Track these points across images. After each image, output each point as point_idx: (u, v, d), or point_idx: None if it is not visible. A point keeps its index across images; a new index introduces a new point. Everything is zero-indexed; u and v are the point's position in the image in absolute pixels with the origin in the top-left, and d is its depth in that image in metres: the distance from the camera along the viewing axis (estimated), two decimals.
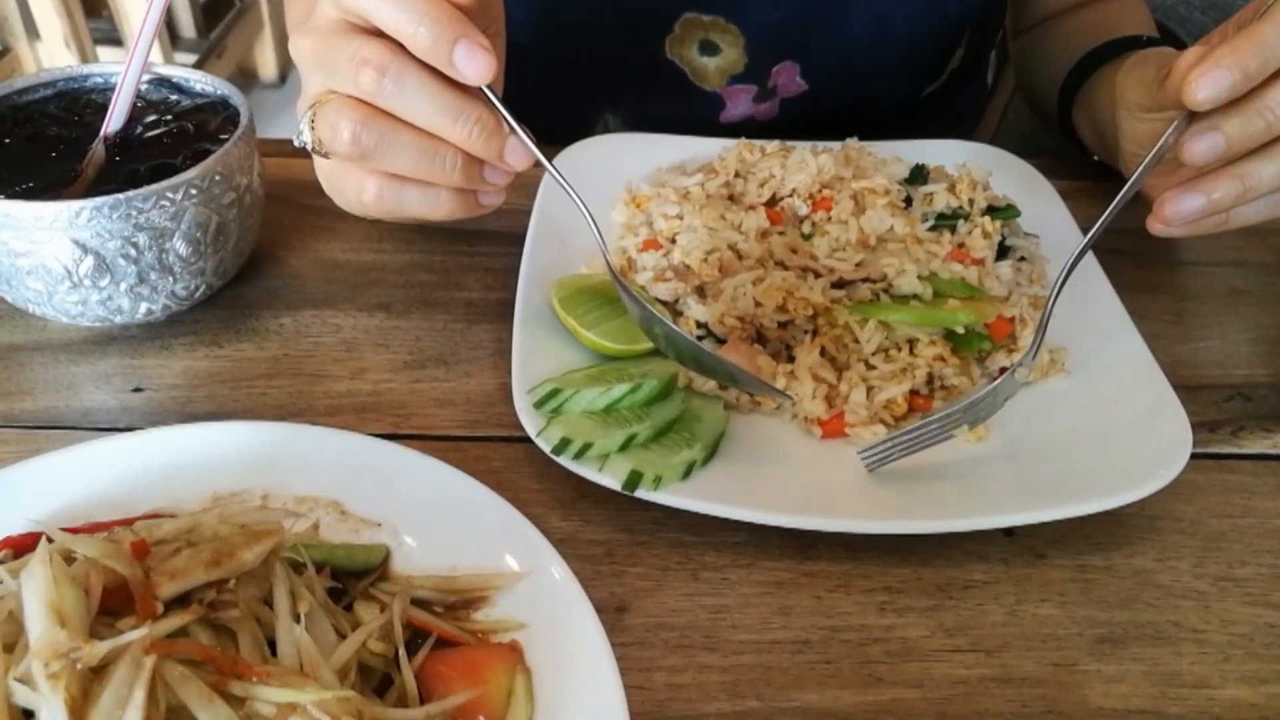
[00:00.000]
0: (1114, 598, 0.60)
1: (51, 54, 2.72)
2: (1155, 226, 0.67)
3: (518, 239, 0.80)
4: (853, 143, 0.84)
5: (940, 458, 0.65)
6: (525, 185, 0.90)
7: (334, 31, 0.57)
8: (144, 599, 0.46)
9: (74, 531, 0.53)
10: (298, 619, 0.48)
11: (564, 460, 0.61)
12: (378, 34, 0.56)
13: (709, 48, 0.95)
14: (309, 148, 0.60)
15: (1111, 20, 0.96)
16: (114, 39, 2.95)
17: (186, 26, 3.16)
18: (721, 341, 0.70)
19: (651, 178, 0.86)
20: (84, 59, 2.76)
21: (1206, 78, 0.58)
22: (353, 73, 0.55)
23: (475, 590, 0.53)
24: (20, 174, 0.72)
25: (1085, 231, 0.82)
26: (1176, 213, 0.65)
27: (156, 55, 0.79)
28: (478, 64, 0.54)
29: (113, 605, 0.46)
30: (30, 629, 0.41)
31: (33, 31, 2.73)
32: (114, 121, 0.75)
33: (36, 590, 0.43)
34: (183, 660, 0.43)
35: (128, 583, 0.46)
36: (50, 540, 0.48)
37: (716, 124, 1.02)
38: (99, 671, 0.42)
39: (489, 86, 0.56)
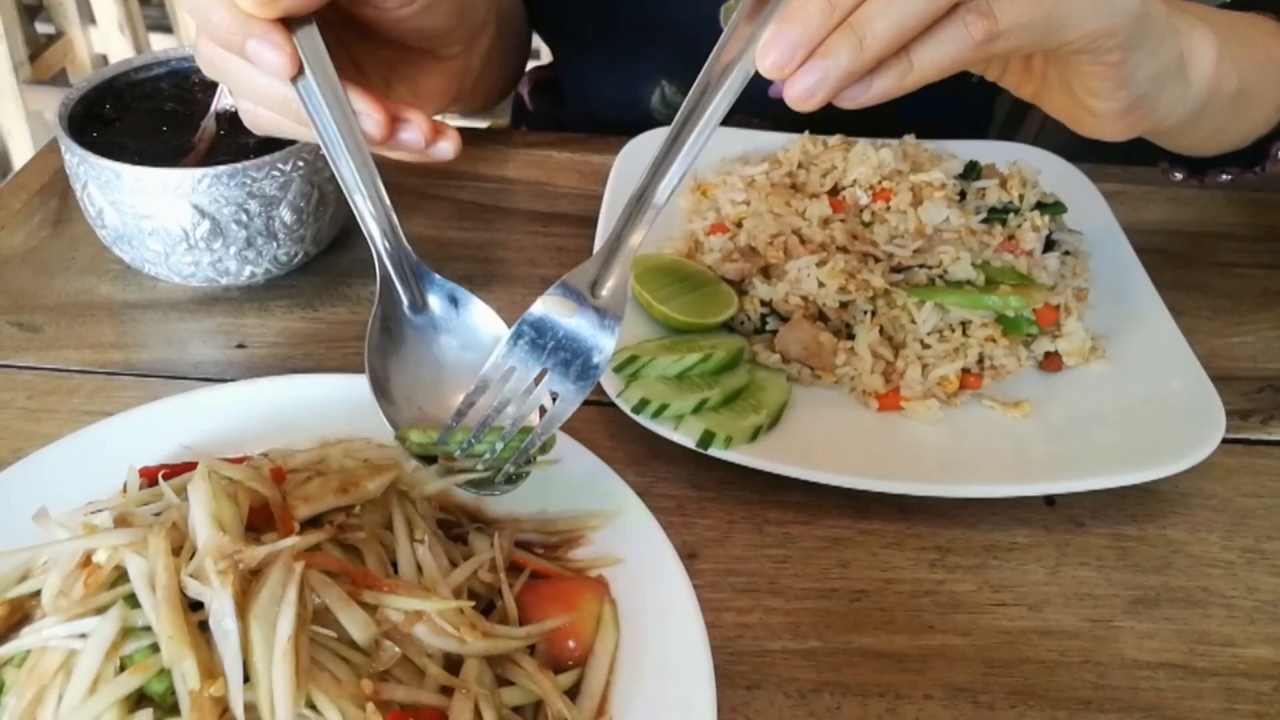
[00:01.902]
0: (1148, 564, 0.65)
1: (106, 39, 2.80)
2: (800, 106, 0.50)
3: (587, 221, 0.86)
4: (910, 139, 0.90)
5: (987, 430, 0.70)
6: (595, 172, 0.96)
7: None
8: (283, 517, 0.52)
9: None
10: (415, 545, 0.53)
11: (642, 419, 0.67)
12: None
13: None
14: None
15: None
16: (164, 26, 3.02)
17: None
18: (785, 319, 0.75)
19: (716, 167, 0.91)
20: (137, 44, 2.83)
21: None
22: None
23: (572, 530, 0.58)
24: (140, 144, 0.78)
25: (1126, 230, 0.87)
26: (800, 93, 0.49)
27: None
28: (266, 63, 0.52)
29: (255, 523, 0.51)
30: (198, 534, 0.47)
31: (86, 16, 2.81)
32: (223, 99, 0.81)
33: (201, 502, 0.48)
34: (322, 571, 0.49)
35: (268, 503, 0.52)
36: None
37: (764, 99, 1.06)
38: (254, 574, 0.47)
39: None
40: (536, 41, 1.17)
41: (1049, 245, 0.81)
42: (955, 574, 0.64)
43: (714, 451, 0.65)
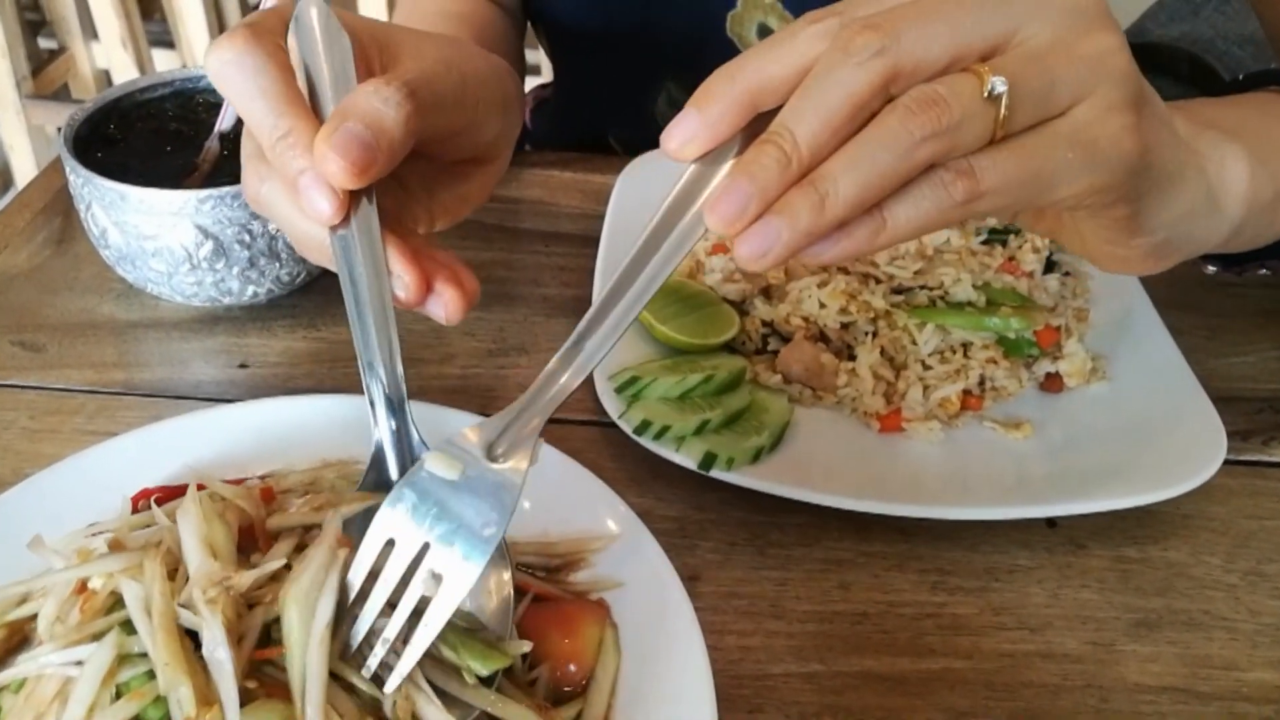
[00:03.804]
0: (1149, 586, 0.65)
1: (108, 54, 2.81)
2: (750, 267, 0.44)
3: (589, 240, 0.86)
4: None
5: (988, 451, 0.70)
6: (598, 191, 0.96)
7: None
8: (265, 537, 0.52)
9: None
10: None
11: (644, 440, 0.67)
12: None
13: (765, 32, 1.00)
14: None
15: None
16: (167, 41, 3.04)
17: None
18: (786, 340, 0.75)
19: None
20: (140, 61, 2.85)
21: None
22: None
23: (573, 553, 0.58)
24: (144, 164, 0.78)
25: None
26: (752, 252, 0.43)
27: None
28: (312, 205, 0.49)
29: (244, 544, 0.52)
30: (188, 560, 0.47)
31: (89, 32, 2.83)
32: (227, 120, 0.81)
33: (191, 527, 0.48)
34: None
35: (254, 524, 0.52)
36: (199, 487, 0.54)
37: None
38: (246, 599, 0.47)
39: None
40: (536, 57, 1.17)
41: (1049, 266, 0.81)
42: (957, 596, 0.64)
43: (716, 473, 0.65)
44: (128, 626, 0.45)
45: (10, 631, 0.51)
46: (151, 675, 0.44)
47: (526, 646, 0.51)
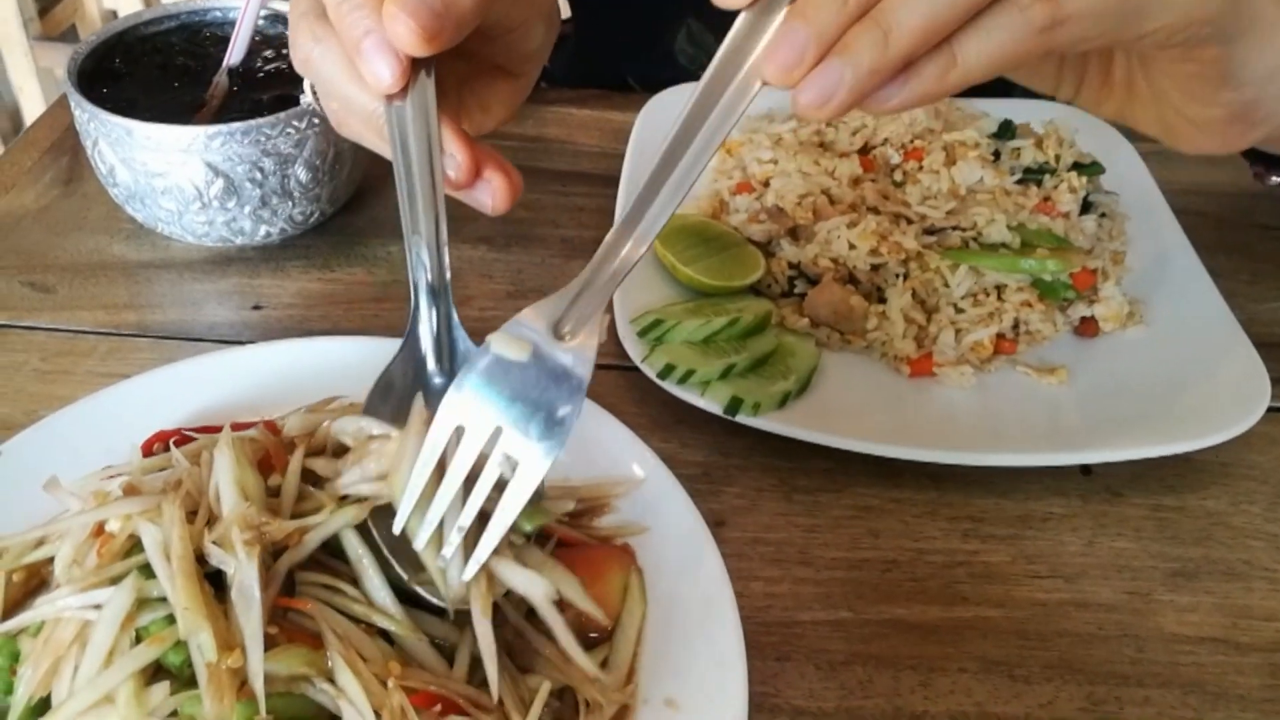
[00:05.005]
0: (1188, 535, 0.63)
1: None
2: (812, 115, 0.42)
3: (608, 180, 0.83)
4: None
5: (1022, 396, 0.68)
6: (618, 130, 0.93)
7: None
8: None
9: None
10: None
11: (668, 385, 0.65)
12: None
13: None
14: None
15: None
16: None
17: None
18: (814, 282, 0.73)
19: (742, 125, 0.88)
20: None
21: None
22: None
23: (597, 498, 0.57)
24: (151, 100, 0.76)
25: (1165, 192, 0.84)
26: (813, 100, 0.41)
27: None
28: (373, 69, 0.47)
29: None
30: (224, 501, 0.46)
31: None
32: (236, 54, 0.79)
33: (226, 469, 0.47)
34: None
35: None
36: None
37: None
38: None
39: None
40: None
41: (1085, 207, 0.78)
42: (989, 544, 0.62)
43: (742, 418, 0.63)
44: (146, 570, 0.44)
45: (29, 574, 0.50)
46: (171, 620, 0.43)
47: (569, 505, 0.51)
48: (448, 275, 0.51)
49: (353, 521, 0.48)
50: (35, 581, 0.50)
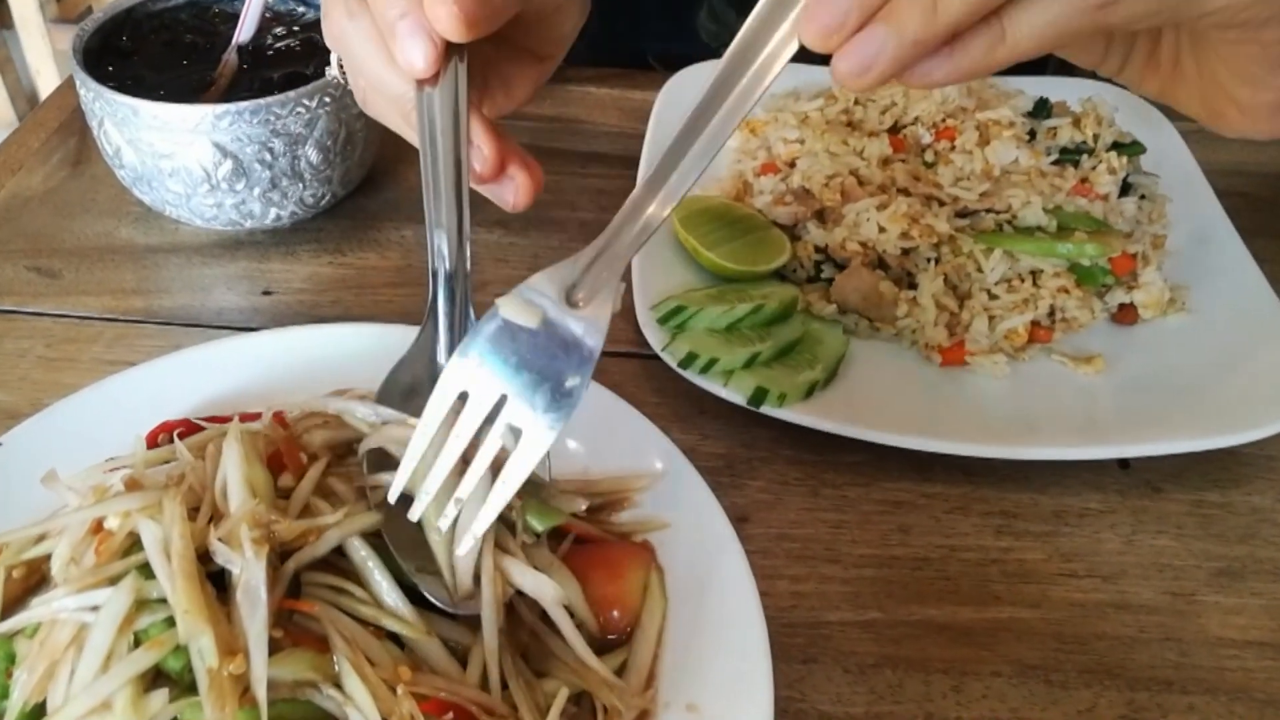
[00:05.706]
0: (1232, 533, 0.60)
1: None
2: (851, 84, 0.40)
3: (627, 161, 0.81)
4: None
5: (1057, 387, 0.65)
6: (637, 110, 0.91)
7: None
8: (291, 453, 0.49)
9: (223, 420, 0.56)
10: None
11: (690, 374, 0.63)
12: None
13: None
14: None
15: None
16: None
17: None
18: (842, 267, 0.70)
19: (767, 103, 0.86)
20: None
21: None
22: None
23: (616, 492, 0.55)
24: (158, 78, 0.74)
25: (1207, 173, 0.81)
26: (852, 67, 0.39)
27: None
28: (406, 53, 0.46)
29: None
30: (231, 497, 0.44)
31: None
32: (245, 31, 0.77)
33: (235, 464, 0.45)
34: None
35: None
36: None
37: None
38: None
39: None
40: None
41: (1125, 189, 0.75)
42: (1023, 541, 0.60)
43: (766, 409, 0.61)
44: (146, 570, 0.43)
45: (29, 570, 0.49)
46: (171, 622, 0.41)
47: (582, 504, 0.50)
48: (468, 267, 0.50)
49: (372, 526, 0.46)
50: (36, 578, 0.49)
